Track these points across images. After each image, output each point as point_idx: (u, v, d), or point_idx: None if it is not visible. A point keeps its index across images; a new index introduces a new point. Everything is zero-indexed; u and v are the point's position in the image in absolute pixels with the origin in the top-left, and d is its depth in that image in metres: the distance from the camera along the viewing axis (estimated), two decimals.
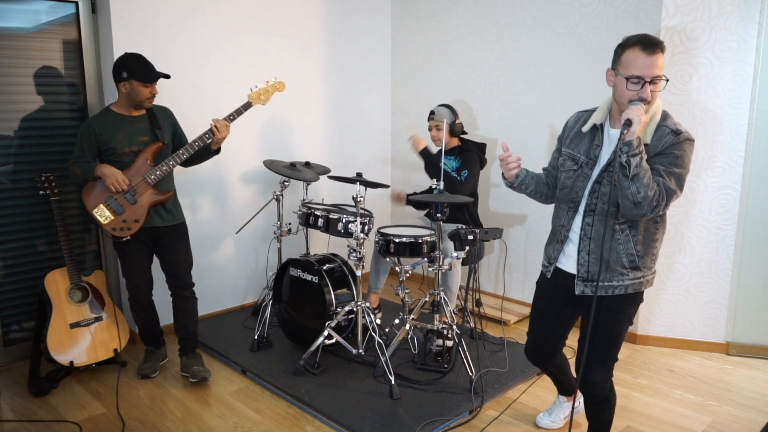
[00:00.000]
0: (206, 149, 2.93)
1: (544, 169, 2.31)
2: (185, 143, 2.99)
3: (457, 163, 3.51)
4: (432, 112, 3.52)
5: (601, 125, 2.05)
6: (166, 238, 2.97)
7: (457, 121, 3.48)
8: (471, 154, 3.49)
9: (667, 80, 1.91)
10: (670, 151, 1.90)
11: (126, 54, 2.79)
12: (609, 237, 2.00)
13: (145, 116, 2.89)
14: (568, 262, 2.12)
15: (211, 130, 2.84)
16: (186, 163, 2.98)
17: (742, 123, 3.15)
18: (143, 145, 2.84)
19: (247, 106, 2.92)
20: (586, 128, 2.08)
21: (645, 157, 1.86)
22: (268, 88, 3.00)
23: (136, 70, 2.75)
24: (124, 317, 3.18)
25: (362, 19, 4.47)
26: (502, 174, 2.18)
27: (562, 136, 2.20)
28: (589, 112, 2.12)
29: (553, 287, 2.20)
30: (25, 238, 3.24)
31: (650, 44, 1.86)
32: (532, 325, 2.34)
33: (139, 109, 2.87)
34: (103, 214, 2.77)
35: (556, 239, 2.16)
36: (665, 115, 1.97)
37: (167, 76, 2.84)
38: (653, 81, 1.88)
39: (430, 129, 3.56)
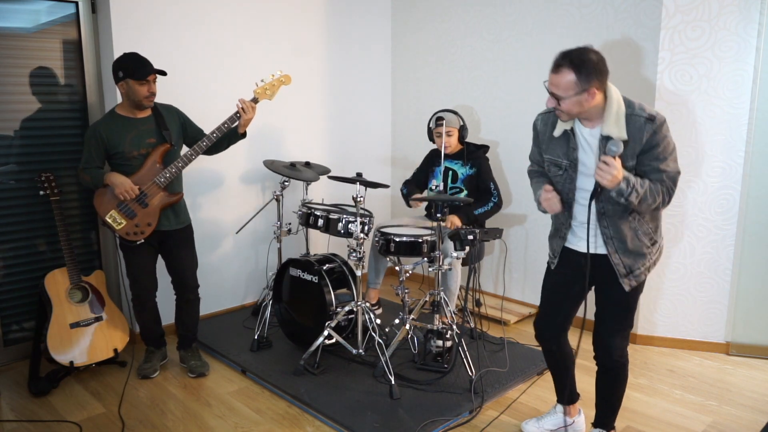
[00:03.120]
0: (233, 133, 2.91)
1: (534, 171, 2.36)
2: (202, 135, 2.95)
3: (469, 170, 3.51)
4: (441, 118, 3.44)
5: (572, 129, 2.10)
6: (172, 241, 2.96)
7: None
8: (484, 162, 3.51)
9: (559, 98, 1.95)
10: (655, 142, 1.97)
11: (122, 54, 2.77)
12: (627, 229, 2.08)
13: (151, 117, 2.86)
14: (580, 243, 2.20)
15: (237, 112, 2.82)
16: (210, 151, 2.96)
17: (742, 123, 3.15)
18: (151, 147, 2.82)
19: (254, 101, 2.89)
20: (557, 133, 2.14)
21: (636, 184, 1.94)
22: (273, 82, 2.95)
23: (130, 68, 2.70)
24: (124, 317, 3.18)
25: (362, 19, 4.47)
26: (538, 205, 2.22)
27: (537, 139, 2.25)
28: (553, 113, 2.14)
29: (563, 265, 2.27)
30: (25, 238, 3.24)
31: (555, 63, 1.95)
32: (543, 300, 2.38)
33: (142, 110, 2.83)
34: (115, 220, 2.77)
35: (559, 235, 2.26)
36: (629, 103, 2.01)
37: (162, 73, 2.81)
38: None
39: (438, 135, 3.47)
